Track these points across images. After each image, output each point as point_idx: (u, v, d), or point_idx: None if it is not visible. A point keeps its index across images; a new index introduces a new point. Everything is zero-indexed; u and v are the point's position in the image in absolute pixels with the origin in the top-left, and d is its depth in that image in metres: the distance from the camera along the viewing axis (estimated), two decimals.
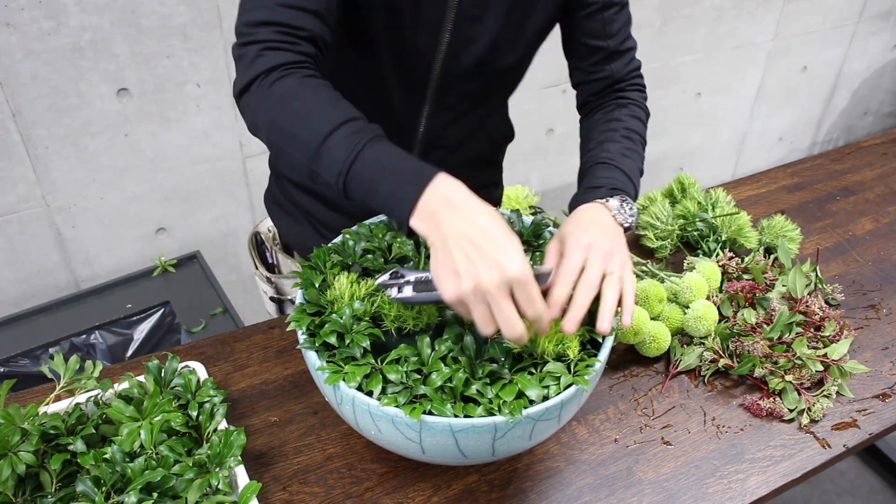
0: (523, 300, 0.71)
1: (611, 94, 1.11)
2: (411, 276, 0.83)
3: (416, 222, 0.75)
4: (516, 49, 1.04)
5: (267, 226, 1.32)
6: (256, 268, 1.30)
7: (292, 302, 1.28)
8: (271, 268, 1.32)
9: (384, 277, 0.85)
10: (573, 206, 0.95)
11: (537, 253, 0.98)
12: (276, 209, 1.26)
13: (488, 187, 1.30)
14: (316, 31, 0.84)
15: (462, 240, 0.70)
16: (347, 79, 0.99)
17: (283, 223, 1.27)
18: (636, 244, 1.39)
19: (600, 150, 1.01)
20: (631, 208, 0.91)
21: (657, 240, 1.33)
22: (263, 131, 0.84)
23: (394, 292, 0.83)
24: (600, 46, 1.07)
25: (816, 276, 1.24)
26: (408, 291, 0.82)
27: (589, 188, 0.95)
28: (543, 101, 2.40)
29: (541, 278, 0.79)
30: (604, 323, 0.81)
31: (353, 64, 1.00)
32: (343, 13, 0.91)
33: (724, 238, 1.32)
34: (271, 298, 1.31)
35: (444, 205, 0.73)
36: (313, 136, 0.78)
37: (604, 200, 0.92)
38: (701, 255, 1.30)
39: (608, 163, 0.98)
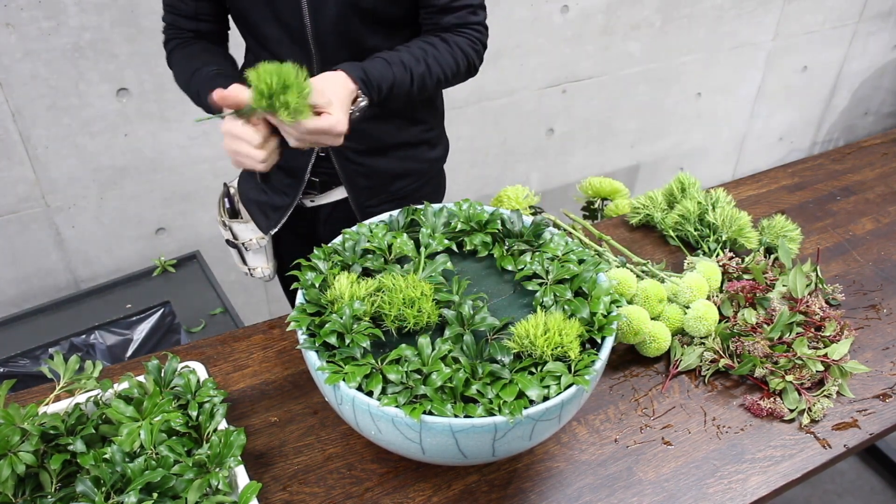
0: (228, 143, 0.95)
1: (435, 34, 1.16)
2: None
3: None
4: None
5: (238, 181, 1.42)
6: (220, 215, 1.40)
7: (245, 247, 1.38)
8: (235, 213, 1.41)
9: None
10: (340, 67, 1.03)
11: (536, 253, 0.98)
12: (242, 172, 1.40)
13: (419, 146, 1.28)
14: (192, 27, 1.15)
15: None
16: (252, 46, 1.18)
17: (241, 181, 1.40)
18: (637, 242, 1.39)
19: (391, 51, 1.08)
20: (360, 108, 1.01)
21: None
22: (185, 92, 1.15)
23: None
24: (435, 4, 1.11)
25: (817, 275, 1.24)
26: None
27: (359, 66, 1.03)
28: (543, 101, 2.40)
29: (244, 113, 0.92)
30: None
31: (245, 31, 1.16)
32: None
33: (724, 238, 1.31)
34: (227, 242, 1.40)
35: None
36: (188, 87, 1.12)
37: (354, 85, 1.01)
38: (701, 255, 1.30)
39: (385, 60, 1.06)
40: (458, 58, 1.13)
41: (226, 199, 1.41)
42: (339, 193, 1.28)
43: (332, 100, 0.94)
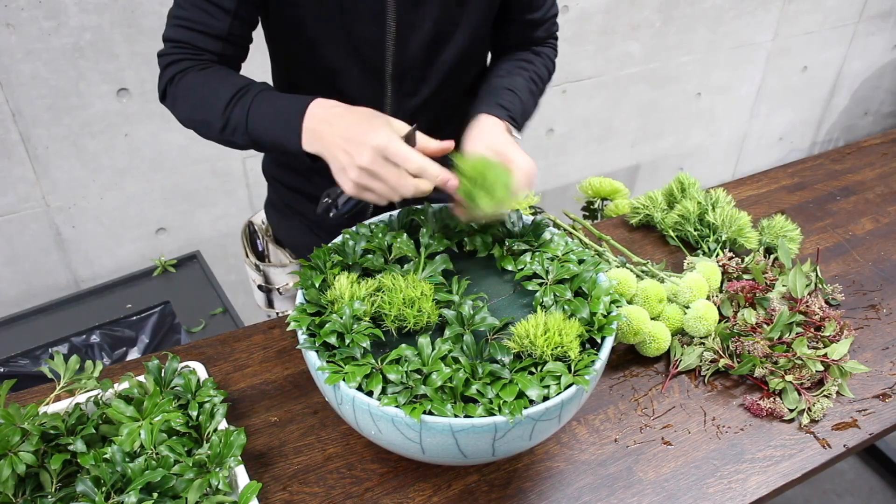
0: (398, 160, 0.82)
1: (526, 48, 1.17)
2: (342, 194, 0.89)
3: (308, 146, 0.87)
4: (463, 29, 1.04)
5: (262, 217, 1.35)
6: (247, 255, 1.33)
7: (280, 292, 1.30)
8: (261, 256, 1.35)
9: (325, 204, 0.90)
10: (486, 109, 1.01)
11: (536, 253, 0.98)
12: (273, 212, 1.31)
13: None
14: (217, 50, 0.96)
15: (337, 140, 0.83)
16: (305, 78, 1.07)
17: (279, 224, 1.31)
18: (637, 242, 1.39)
19: (509, 79, 1.08)
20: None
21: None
22: (188, 126, 0.97)
23: (334, 211, 0.89)
24: (531, 20, 1.12)
25: (816, 276, 1.24)
26: (343, 199, 0.89)
27: (503, 107, 1.02)
28: (543, 100, 2.40)
29: (409, 139, 0.86)
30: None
31: (304, 62, 1.04)
32: (281, 21, 1.00)
33: (724, 238, 1.32)
34: (259, 287, 1.33)
35: (319, 123, 0.86)
36: (215, 115, 0.91)
37: (506, 124, 1.00)
38: (701, 255, 1.30)
39: (518, 95, 1.06)
40: (549, 67, 1.16)
41: (251, 239, 1.33)
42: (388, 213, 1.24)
43: (506, 151, 0.91)
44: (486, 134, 0.96)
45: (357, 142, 0.82)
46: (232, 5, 0.93)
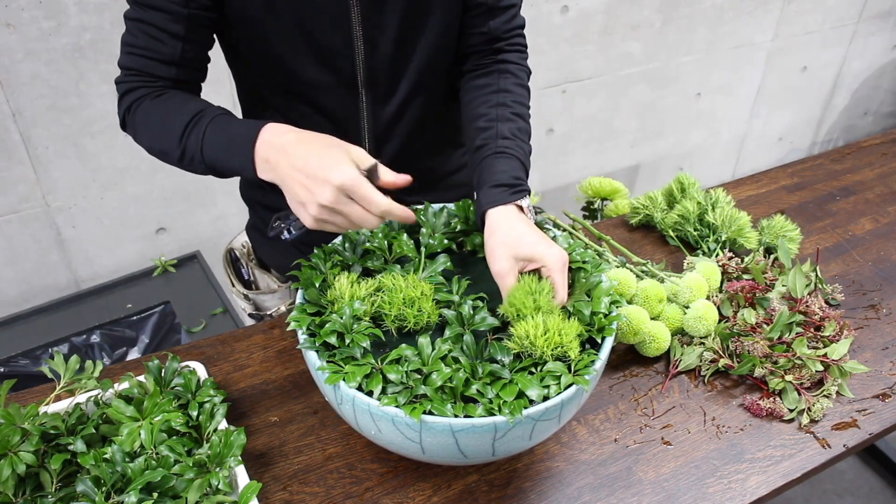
0: (361, 201, 0.79)
1: (490, 55, 1.10)
2: (295, 220, 0.86)
3: (262, 175, 0.83)
4: (429, 23, 1.00)
5: (241, 241, 1.31)
6: (233, 285, 1.28)
7: (272, 317, 1.27)
8: (248, 284, 1.31)
9: (277, 226, 0.87)
10: (488, 202, 0.95)
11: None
12: (255, 235, 1.28)
13: (461, 170, 1.25)
14: (171, 76, 0.93)
15: (294, 173, 0.79)
16: (275, 94, 1.03)
17: (262, 248, 1.27)
18: (637, 242, 1.39)
19: (497, 137, 1.03)
20: (531, 209, 0.98)
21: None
22: (152, 155, 0.95)
23: (286, 234, 0.86)
24: (480, 2, 1.05)
25: (816, 276, 1.24)
26: (297, 226, 0.86)
27: (500, 185, 0.97)
28: (543, 101, 2.40)
29: (371, 174, 0.83)
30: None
31: (273, 78, 1.01)
32: (245, 38, 0.96)
33: (724, 238, 1.32)
34: (251, 315, 1.29)
35: (273, 152, 0.82)
36: (172, 146, 0.89)
37: (518, 202, 0.96)
38: (701, 255, 1.30)
39: (508, 153, 1.01)
40: (522, 82, 1.13)
41: (235, 267, 1.30)
42: None
43: (532, 254, 0.88)
44: (504, 238, 0.90)
45: (318, 178, 0.78)
46: (181, 30, 0.90)
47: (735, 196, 1.53)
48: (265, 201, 1.20)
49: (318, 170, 0.78)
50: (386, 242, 0.98)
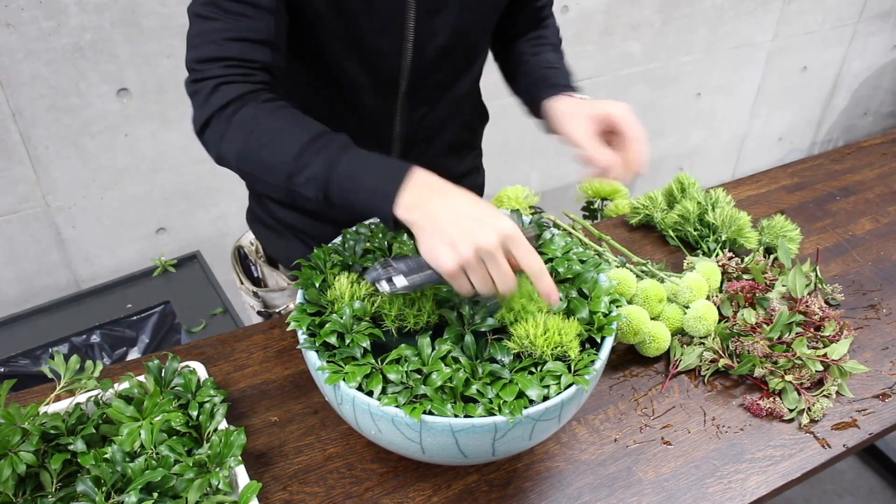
0: (521, 253, 0.75)
1: (533, 30, 1.19)
2: (401, 265, 0.81)
3: (402, 213, 0.77)
4: (480, 29, 1.05)
5: (249, 239, 1.29)
6: (241, 283, 1.28)
7: (280, 314, 1.26)
8: (257, 282, 1.30)
9: (375, 273, 0.83)
10: (548, 95, 1.02)
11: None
12: (259, 227, 1.25)
13: (472, 173, 1.30)
14: (268, 60, 0.85)
15: (451, 215, 0.74)
16: (316, 88, 1.01)
17: (268, 240, 1.25)
18: (637, 242, 1.39)
19: (542, 57, 1.12)
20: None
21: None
22: (232, 163, 0.85)
23: (384, 286, 0.81)
24: (538, 4, 1.16)
25: (816, 276, 1.24)
26: (401, 280, 0.80)
27: (556, 85, 1.04)
28: None
29: (530, 238, 0.81)
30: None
31: (319, 73, 1.00)
32: (294, 30, 0.92)
33: (724, 238, 1.32)
34: (259, 313, 1.29)
35: (428, 191, 0.77)
36: (284, 159, 0.80)
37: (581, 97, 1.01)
38: (701, 255, 1.30)
39: (556, 67, 1.10)
40: (558, 33, 1.20)
41: (244, 265, 1.28)
42: None
43: (599, 107, 0.94)
44: (571, 108, 0.96)
45: (482, 221, 0.73)
46: (271, 2, 0.83)
47: (735, 196, 1.53)
48: (273, 194, 1.18)
49: (486, 217, 0.74)
50: (386, 242, 0.98)
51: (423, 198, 0.76)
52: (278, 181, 0.82)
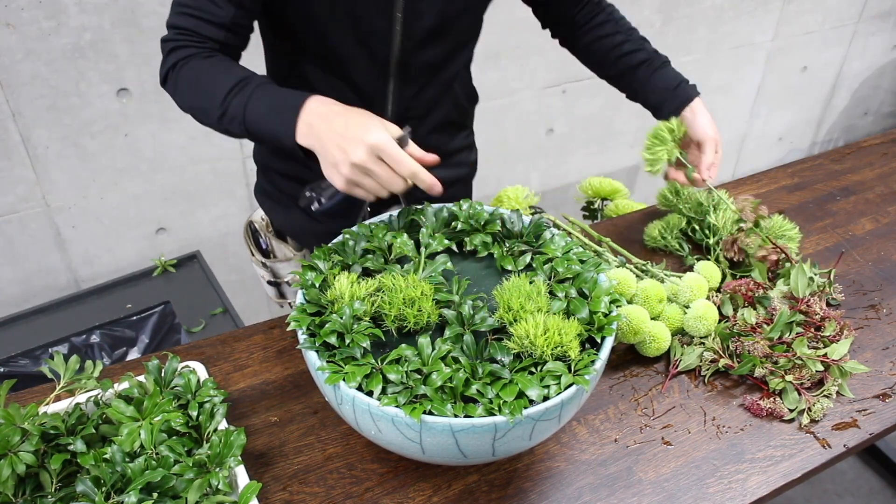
0: (391, 162, 0.85)
1: (593, 9, 1.29)
2: (326, 186, 0.92)
3: (301, 139, 0.89)
4: (467, 15, 1.10)
5: (260, 215, 1.38)
6: (253, 255, 1.36)
7: (289, 284, 1.34)
8: (266, 253, 1.38)
9: (305, 200, 0.91)
10: (690, 95, 1.27)
11: (538, 255, 0.98)
12: (265, 200, 1.33)
13: (464, 150, 1.33)
14: (219, 38, 0.97)
15: (332, 136, 0.86)
16: (309, 66, 1.09)
17: (274, 212, 1.33)
18: (638, 241, 1.39)
19: (653, 52, 1.29)
20: None
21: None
22: (187, 111, 1.00)
23: (315, 205, 0.91)
24: None
25: (829, 280, 1.24)
26: (324, 201, 0.91)
27: (683, 83, 1.29)
28: (543, 101, 2.40)
29: (401, 143, 0.89)
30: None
31: (311, 51, 1.07)
32: (293, 11, 1.02)
33: (724, 239, 1.31)
34: (269, 282, 1.36)
35: (316, 119, 0.88)
36: (214, 103, 0.93)
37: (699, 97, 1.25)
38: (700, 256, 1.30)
39: (666, 63, 1.28)
40: (626, 20, 1.31)
41: (254, 238, 1.37)
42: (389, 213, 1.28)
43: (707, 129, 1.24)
44: (703, 117, 1.26)
45: (353, 139, 0.84)
46: None
47: (735, 196, 1.52)
48: (279, 166, 1.25)
49: (354, 131, 0.85)
50: (386, 242, 0.98)
51: (313, 125, 0.88)
52: (213, 123, 0.96)
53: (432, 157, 0.91)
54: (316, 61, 1.08)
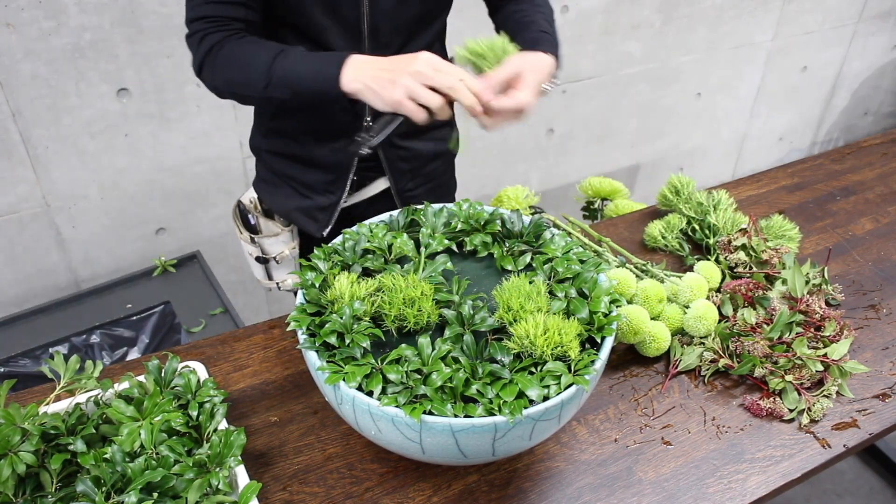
0: (436, 79, 0.93)
1: None
2: (369, 131, 0.99)
3: (347, 86, 0.97)
4: None
5: (249, 196, 1.41)
6: (241, 232, 1.39)
7: (276, 261, 1.37)
8: (254, 230, 1.41)
9: (355, 146, 0.98)
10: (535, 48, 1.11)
11: (538, 255, 0.98)
12: (260, 183, 1.36)
13: (442, 127, 1.33)
14: (240, 15, 1.06)
15: (380, 71, 0.95)
16: (289, 36, 1.14)
17: (266, 192, 1.37)
18: (637, 243, 1.39)
19: (541, 24, 1.18)
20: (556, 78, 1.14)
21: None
22: (225, 91, 1.07)
23: (365, 150, 0.98)
24: None
25: (824, 277, 1.24)
26: (376, 133, 0.98)
27: (545, 44, 1.14)
28: (543, 101, 2.40)
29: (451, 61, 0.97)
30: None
31: (289, 21, 1.12)
32: None
33: (724, 239, 1.31)
34: (257, 259, 1.39)
35: (361, 63, 0.98)
36: (259, 74, 1.02)
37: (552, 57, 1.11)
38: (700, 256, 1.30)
39: (549, 33, 1.17)
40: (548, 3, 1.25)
41: (243, 217, 1.40)
42: (374, 189, 1.32)
43: (525, 77, 1.02)
44: (532, 60, 1.05)
45: (405, 60, 0.94)
46: None
47: (735, 196, 1.53)
48: (275, 147, 1.29)
49: (403, 60, 0.95)
50: (386, 242, 0.98)
51: (359, 69, 0.97)
52: (258, 93, 1.03)
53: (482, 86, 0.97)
54: (293, 30, 1.13)
